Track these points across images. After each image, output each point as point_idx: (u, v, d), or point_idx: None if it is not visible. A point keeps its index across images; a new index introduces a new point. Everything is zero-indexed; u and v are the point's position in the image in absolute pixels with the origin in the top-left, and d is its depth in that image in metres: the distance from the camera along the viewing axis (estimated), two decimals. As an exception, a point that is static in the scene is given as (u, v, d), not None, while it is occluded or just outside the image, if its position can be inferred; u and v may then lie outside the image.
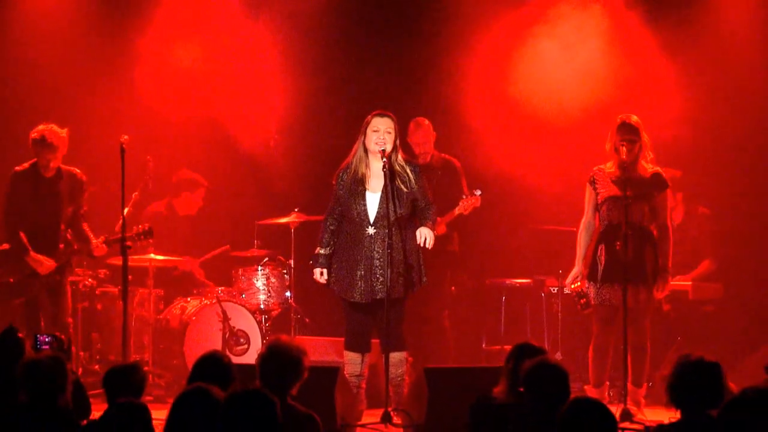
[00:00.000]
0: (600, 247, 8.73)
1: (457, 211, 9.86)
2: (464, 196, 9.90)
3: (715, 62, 10.77)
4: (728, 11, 10.87)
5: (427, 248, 8.35)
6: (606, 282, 8.68)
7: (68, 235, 9.49)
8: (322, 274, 8.48)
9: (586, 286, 8.79)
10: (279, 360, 5.85)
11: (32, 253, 9.33)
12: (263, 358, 5.90)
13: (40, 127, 9.36)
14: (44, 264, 9.34)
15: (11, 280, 9.39)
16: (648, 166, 8.76)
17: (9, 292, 9.43)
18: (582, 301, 8.81)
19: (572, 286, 8.91)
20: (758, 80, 10.67)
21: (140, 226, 9.59)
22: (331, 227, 8.49)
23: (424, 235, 8.30)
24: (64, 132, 9.36)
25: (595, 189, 8.81)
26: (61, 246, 9.44)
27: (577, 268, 8.88)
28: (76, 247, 9.50)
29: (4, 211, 9.46)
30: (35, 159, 9.44)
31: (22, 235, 9.34)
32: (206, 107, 11.14)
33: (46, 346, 6.50)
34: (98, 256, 9.67)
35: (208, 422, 4.92)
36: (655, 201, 8.73)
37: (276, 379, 5.77)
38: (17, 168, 9.50)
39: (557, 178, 10.72)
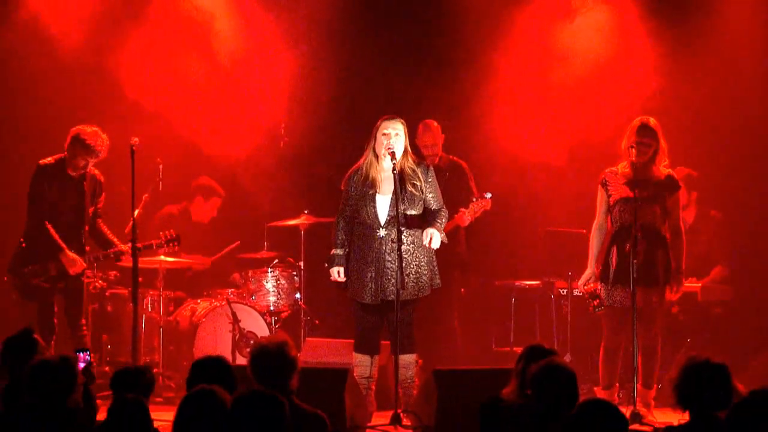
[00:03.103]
0: (612, 249, 8.74)
1: (468, 214, 9.86)
2: (474, 199, 9.90)
3: (730, 64, 10.78)
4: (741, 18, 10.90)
5: (432, 248, 8.37)
6: (617, 284, 8.67)
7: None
8: (339, 273, 8.49)
9: (599, 287, 8.79)
10: (265, 363, 5.83)
11: (68, 253, 9.28)
12: (251, 366, 5.87)
13: (90, 129, 9.26)
14: (77, 264, 9.31)
15: (36, 281, 9.36)
16: (662, 169, 8.75)
17: (29, 294, 9.41)
18: (595, 302, 8.81)
19: (585, 288, 8.91)
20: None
21: (168, 233, 9.62)
22: (344, 228, 8.52)
23: (430, 234, 8.33)
24: (107, 140, 9.31)
25: (606, 191, 8.81)
26: (88, 248, 9.42)
27: (590, 270, 8.88)
28: (105, 252, 9.45)
29: (30, 204, 9.35)
30: (63, 155, 9.34)
31: (53, 232, 9.29)
32: (215, 109, 11.15)
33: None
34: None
35: (215, 423, 4.93)
36: (667, 203, 8.72)
37: (272, 380, 5.76)
38: (42, 162, 9.40)
39: (567, 179, 10.72)
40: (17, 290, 9.42)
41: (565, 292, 10.25)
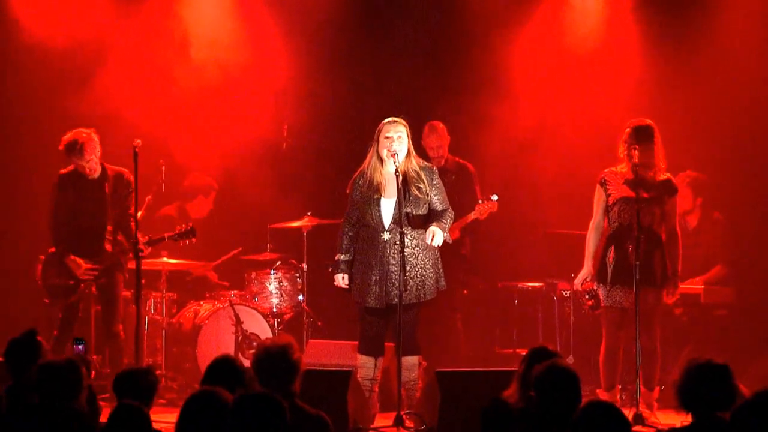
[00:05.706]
0: (610, 249, 8.73)
1: (473, 215, 9.87)
2: (480, 201, 9.91)
3: (731, 65, 10.77)
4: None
5: (434, 246, 8.37)
6: (616, 284, 8.68)
7: (119, 237, 9.51)
8: (344, 279, 8.51)
9: (596, 287, 8.79)
10: (269, 365, 5.83)
11: (71, 255, 9.36)
12: (255, 368, 5.87)
13: (67, 135, 9.35)
14: (81, 267, 9.36)
15: (58, 282, 9.41)
16: (660, 173, 8.75)
17: (55, 294, 9.48)
18: (591, 302, 8.81)
19: (582, 286, 8.90)
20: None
21: (183, 226, 9.67)
22: (350, 233, 8.53)
23: (432, 232, 8.32)
24: (90, 133, 9.33)
25: (605, 190, 8.81)
26: (108, 248, 9.46)
27: (586, 269, 8.88)
28: (127, 246, 9.48)
29: (52, 214, 9.47)
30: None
31: (64, 237, 9.36)
32: (219, 110, 11.16)
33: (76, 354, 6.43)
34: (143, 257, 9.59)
35: (217, 425, 4.93)
36: (665, 205, 8.73)
37: (275, 382, 5.76)
38: (62, 171, 9.52)
39: (569, 181, 10.71)
40: (50, 296, 9.54)
41: (567, 294, 10.26)
